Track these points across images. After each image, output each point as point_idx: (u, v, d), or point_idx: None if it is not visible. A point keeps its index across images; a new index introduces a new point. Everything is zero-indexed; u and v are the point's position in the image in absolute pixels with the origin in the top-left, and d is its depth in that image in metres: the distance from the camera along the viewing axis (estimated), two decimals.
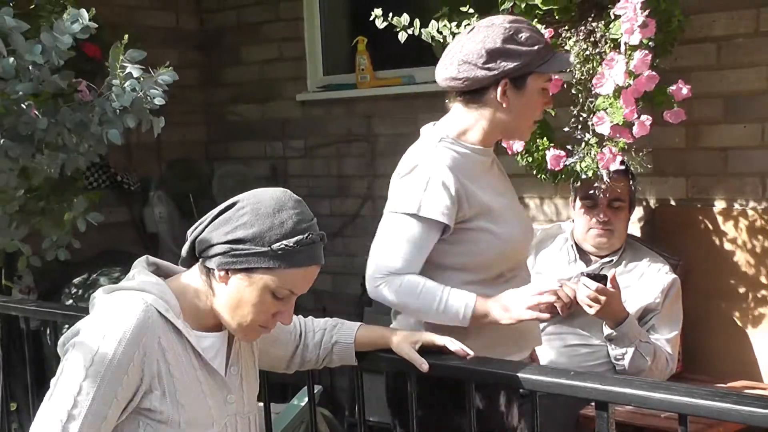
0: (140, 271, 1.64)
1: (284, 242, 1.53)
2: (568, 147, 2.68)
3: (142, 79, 2.59)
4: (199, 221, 1.61)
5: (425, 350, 1.89)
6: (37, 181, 2.85)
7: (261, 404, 2.19)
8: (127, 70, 2.58)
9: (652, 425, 2.57)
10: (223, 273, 1.57)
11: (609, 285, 2.55)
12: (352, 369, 2.04)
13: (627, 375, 2.59)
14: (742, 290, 3.08)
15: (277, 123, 4.48)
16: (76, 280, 3.55)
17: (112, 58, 2.57)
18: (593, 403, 1.72)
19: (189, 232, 1.62)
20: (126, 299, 1.56)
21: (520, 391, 2.03)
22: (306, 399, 2.87)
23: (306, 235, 1.55)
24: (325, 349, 1.91)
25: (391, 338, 1.91)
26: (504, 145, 2.76)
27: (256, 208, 1.55)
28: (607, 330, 2.66)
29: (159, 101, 2.61)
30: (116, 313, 1.53)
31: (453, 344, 1.89)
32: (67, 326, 3.03)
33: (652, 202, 3.34)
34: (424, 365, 1.85)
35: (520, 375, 1.77)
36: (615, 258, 2.90)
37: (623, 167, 2.70)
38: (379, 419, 3.53)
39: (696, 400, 1.52)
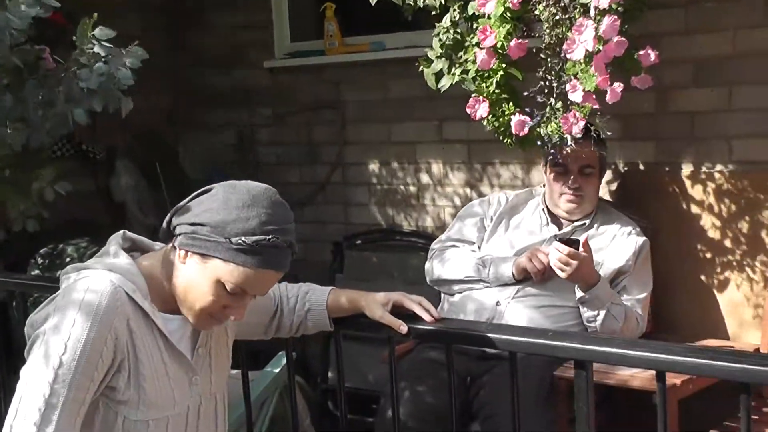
0: (113, 250, 1.63)
1: (243, 238, 1.51)
2: (534, 109, 2.68)
3: (110, 56, 2.52)
4: (183, 201, 1.61)
5: (398, 313, 1.87)
6: (1, 153, 2.79)
7: (237, 371, 2.19)
8: (95, 50, 2.52)
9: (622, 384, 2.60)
10: (183, 253, 1.56)
11: (581, 249, 2.58)
12: (326, 336, 2.04)
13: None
14: (708, 252, 3.13)
15: (245, 90, 4.43)
16: (42, 251, 3.50)
17: (80, 34, 2.50)
18: (567, 364, 1.75)
19: (172, 211, 1.62)
20: (94, 280, 1.53)
21: (490, 352, 1.98)
22: (279, 366, 2.87)
23: (269, 237, 1.52)
24: (299, 317, 1.90)
25: (362, 302, 1.89)
26: (468, 110, 2.74)
27: (227, 198, 1.54)
28: (579, 293, 2.69)
29: (127, 81, 2.56)
30: (85, 297, 1.51)
31: (420, 307, 1.87)
32: (33, 298, 3.01)
33: (621, 166, 3.37)
34: (402, 327, 1.84)
35: (498, 336, 1.78)
36: (587, 222, 2.93)
37: (590, 133, 2.71)
38: (354, 385, 3.55)
39: (673, 357, 1.55)
